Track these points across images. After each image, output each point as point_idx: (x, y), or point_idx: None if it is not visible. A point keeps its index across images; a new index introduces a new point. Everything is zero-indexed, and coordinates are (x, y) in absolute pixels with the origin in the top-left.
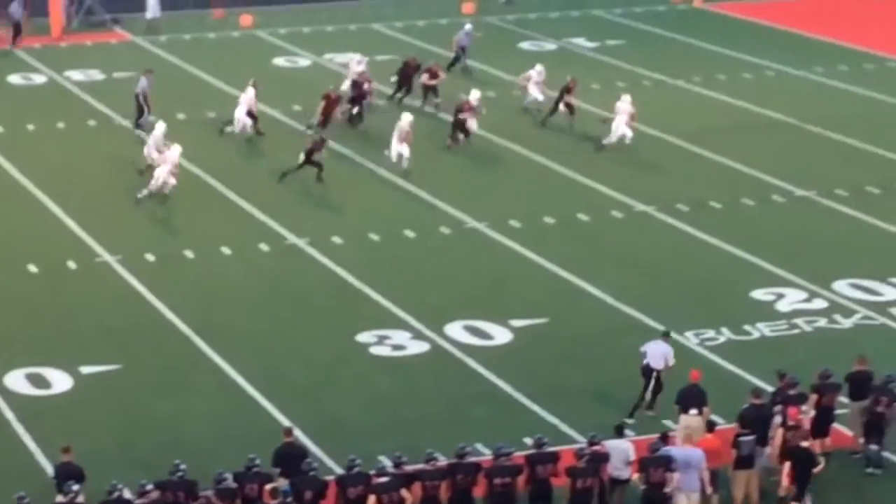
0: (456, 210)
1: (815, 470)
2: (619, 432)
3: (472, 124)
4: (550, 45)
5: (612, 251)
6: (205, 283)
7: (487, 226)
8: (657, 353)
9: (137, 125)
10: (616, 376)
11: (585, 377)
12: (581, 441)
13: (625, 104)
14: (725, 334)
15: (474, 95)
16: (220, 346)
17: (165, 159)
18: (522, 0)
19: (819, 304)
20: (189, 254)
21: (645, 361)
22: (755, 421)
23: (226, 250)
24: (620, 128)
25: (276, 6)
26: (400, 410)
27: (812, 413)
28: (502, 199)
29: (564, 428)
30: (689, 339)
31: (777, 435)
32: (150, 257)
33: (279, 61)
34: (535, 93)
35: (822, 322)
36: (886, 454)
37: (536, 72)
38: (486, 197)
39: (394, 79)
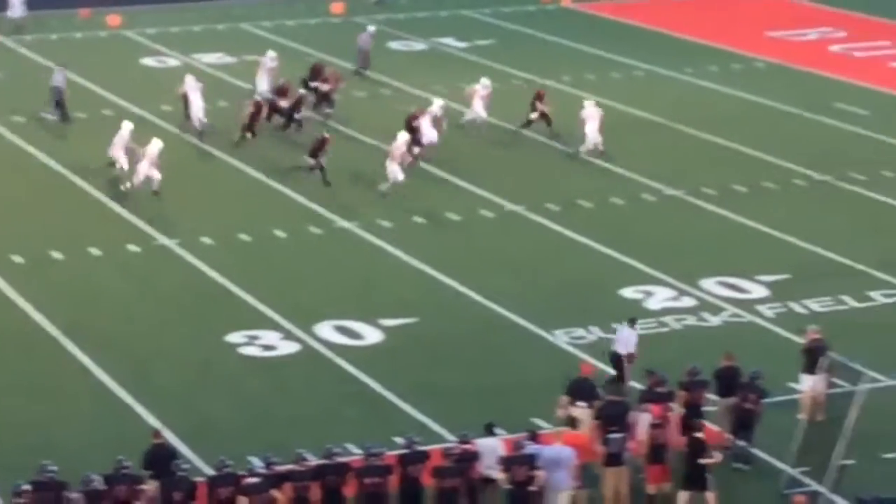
0: (325, 210)
1: (707, 462)
2: (489, 431)
3: (432, 135)
4: (420, 46)
5: (483, 250)
6: (73, 285)
7: (357, 225)
8: (623, 340)
9: (63, 116)
10: (486, 375)
11: (456, 376)
12: (452, 440)
13: (591, 110)
14: (595, 333)
15: (437, 104)
16: (88, 348)
17: (139, 155)
18: (392, 0)
19: (687, 301)
20: (57, 255)
21: (613, 348)
22: (613, 417)
23: (94, 251)
24: (593, 134)
25: (143, 6)
26: (270, 411)
27: (681, 410)
28: (372, 199)
29: (435, 427)
30: (559, 337)
31: (643, 433)
32: (17, 259)
33: (147, 61)
34: (479, 109)
35: (690, 320)
36: (754, 450)
37: (482, 86)
38: (356, 197)
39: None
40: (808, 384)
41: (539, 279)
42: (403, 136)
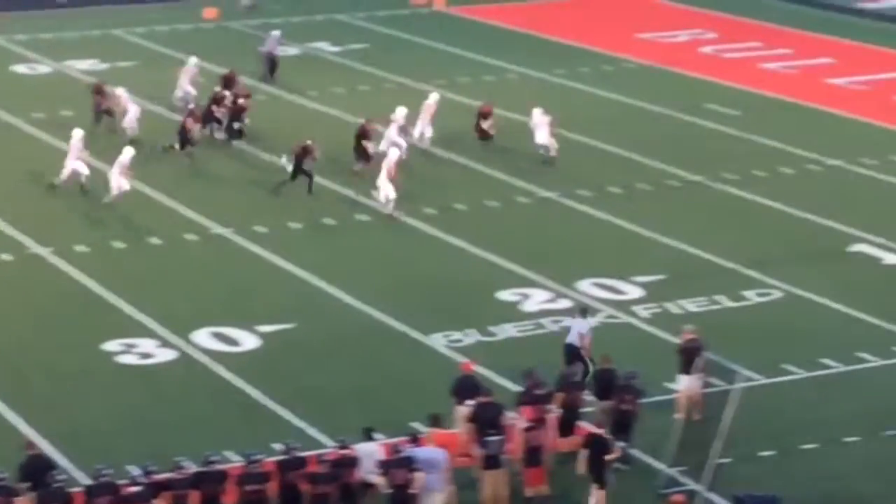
0: (201, 216)
1: (609, 457)
2: (368, 436)
3: (401, 143)
4: (294, 50)
5: (359, 255)
6: None
7: (233, 232)
8: (575, 331)
9: None
10: (364, 379)
11: (334, 381)
12: (331, 445)
13: (540, 118)
14: (472, 335)
15: (400, 113)
16: None
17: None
18: (265, 5)
19: (564, 303)
20: None
21: (567, 340)
22: (488, 420)
23: None
24: (546, 140)
25: (13, 12)
26: (148, 419)
27: (558, 412)
28: (247, 205)
29: (313, 433)
30: (437, 340)
31: (518, 435)
32: None
33: (18, 68)
34: (426, 125)
35: (567, 321)
36: (632, 450)
37: (433, 101)
38: (232, 203)
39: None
40: (685, 384)
41: (416, 283)
42: (395, 153)
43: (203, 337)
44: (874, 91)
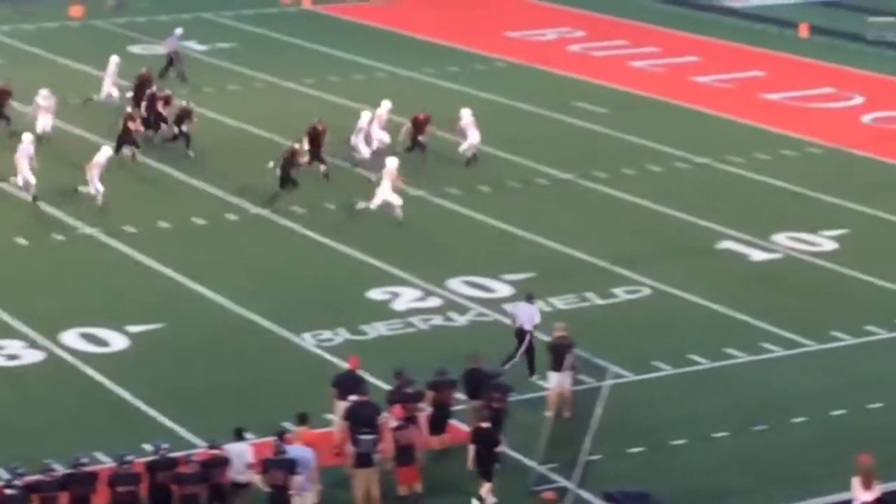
0: (69, 217)
1: (497, 449)
2: (239, 436)
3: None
4: (161, 49)
5: (229, 254)
6: None
7: (101, 231)
8: (526, 315)
9: None
10: (235, 379)
11: (204, 381)
12: (201, 446)
13: (469, 119)
14: (342, 335)
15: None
16: None
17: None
18: (132, 3)
19: (434, 302)
20: None
21: (517, 324)
22: (363, 418)
23: None
24: (477, 139)
25: None
26: (15, 421)
27: (429, 410)
28: (117, 205)
29: (184, 433)
30: (307, 340)
31: (387, 433)
32: None
33: None
34: (380, 132)
35: (437, 320)
36: (504, 448)
37: (386, 110)
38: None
39: (129, 94)
40: (555, 381)
41: (286, 282)
42: (392, 162)
43: (71, 338)
44: (739, 89)
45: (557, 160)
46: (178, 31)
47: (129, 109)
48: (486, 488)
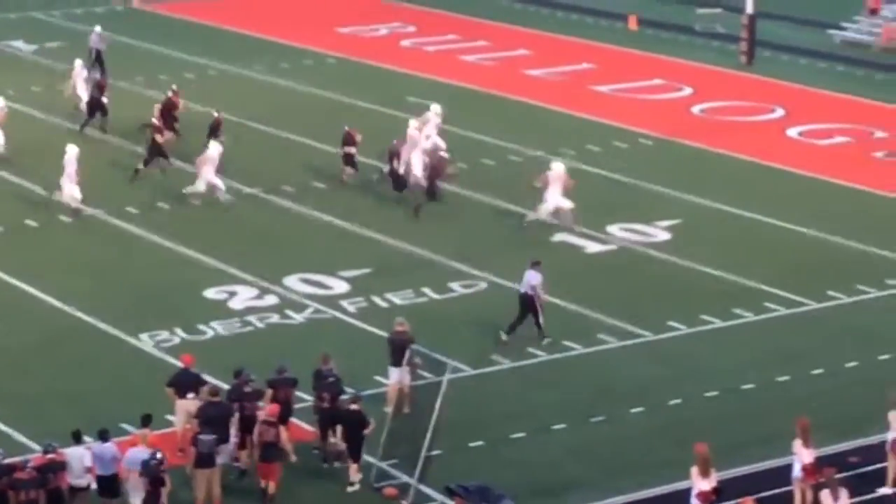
0: None
1: (366, 431)
2: (77, 439)
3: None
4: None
5: (63, 256)
6: None
7: None
8: (525, 280)
9: None
10: (71, 382)
11: (39, 385)
12: (37, 450)
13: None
14: (180, 335)
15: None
16: None
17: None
18: None
19: (271, 300)
20: None
21: (521, 290)
22: (215, 419)
23: None
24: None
25: None
26: None
27: (267, 409)
28: None
29: (20, 437)
30: (144, 340)
31: (234, 431)
32: None
33: None
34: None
35: (274, 318)
36: (343, 445)
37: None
38: None
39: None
40: (395, 377)
41: (121, 283)
42: (559, 167)
43: None
44: (570, 81)
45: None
46: (98, 28)
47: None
48: (353, 468)
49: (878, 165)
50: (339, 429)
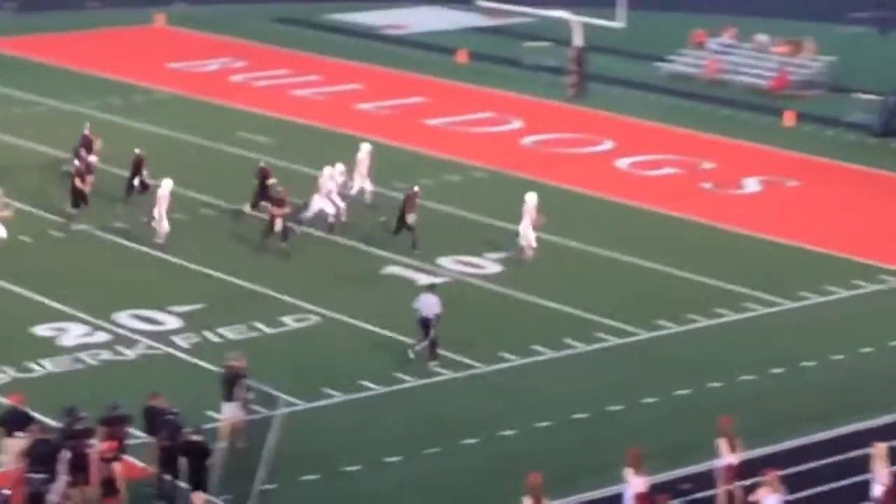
0: None
1: (209, 461)
2: None
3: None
4: None
5: None
6: None
7: None
8: (428, 304)
9: None
10: None
11: None
12: None
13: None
14: (8, 373)
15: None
16: None
17: None
18: None
19: (102, 336)
20: None
21: (421, 315)
22: (44, 457)
23: None
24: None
25: None
26: None
27: (101, 446)
28: None
29: None
30: None
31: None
32: None
33: None
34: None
35: (106, 355)
36: (181, 483)
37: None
38: None
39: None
40: (228, 412)
41: None
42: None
43: None
44: (402, 115)
45: (223, 191)
46: None
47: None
48: (199, 499)
49: (705, 196)
50: (181, 461)
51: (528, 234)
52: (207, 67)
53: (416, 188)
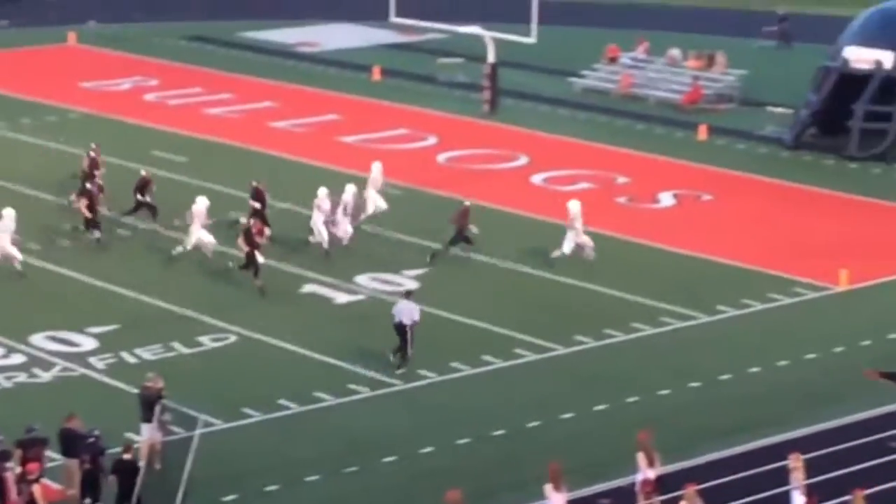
0: None
1: (138, 478)
2: None
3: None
4: None
5: None
6: None
7: None
8: (406, 311)
9: None
10: None
11: None
12: None
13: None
14: None
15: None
16: None
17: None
18: None
19: (17, 358)
20: None
21: (396, 320)
22: None
23: None
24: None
25: None
26: None
27: (18, 468)
28: None
29: None
30: None
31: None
32: None
33: None
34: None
35: (22, 377)
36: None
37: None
38: None
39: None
40: (146, 433)
41: None
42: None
43: None
44: (316, 133)
45: (139, 211)
46: None
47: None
48: None
49: (620, 211)
50: (111, 479)
51: (581, 239)
52: (121, 86)
53: (467, 203)
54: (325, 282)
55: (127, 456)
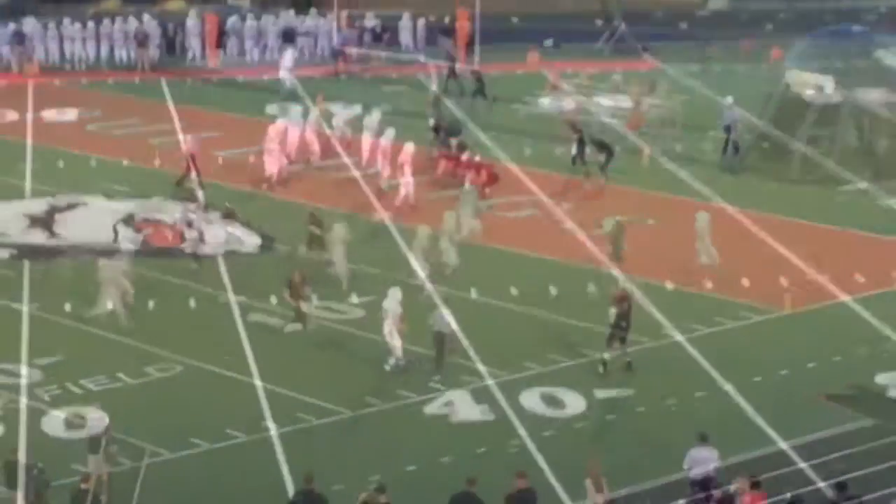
0: None
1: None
2: None
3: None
4: None
5: None
6: None
7: None
8: (440, 320)
9: None
10: None
11: None
12: None
13: None
14: None
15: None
16: None
17: None
18: None
19: None
20: None
21: (436, 329)
22: None
23: None
24: None
25: None
26: None
27: None
28: None
29: None
30: None
31: None
32: None
33: None
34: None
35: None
36: None
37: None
38: None
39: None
40: (92, 465)
41: None
42: None
43: None
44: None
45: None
46: None
47: None
48: None
49: (566, 237)
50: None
51: (710, 252)
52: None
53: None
54: (269, 310)
55: (84, 486)
